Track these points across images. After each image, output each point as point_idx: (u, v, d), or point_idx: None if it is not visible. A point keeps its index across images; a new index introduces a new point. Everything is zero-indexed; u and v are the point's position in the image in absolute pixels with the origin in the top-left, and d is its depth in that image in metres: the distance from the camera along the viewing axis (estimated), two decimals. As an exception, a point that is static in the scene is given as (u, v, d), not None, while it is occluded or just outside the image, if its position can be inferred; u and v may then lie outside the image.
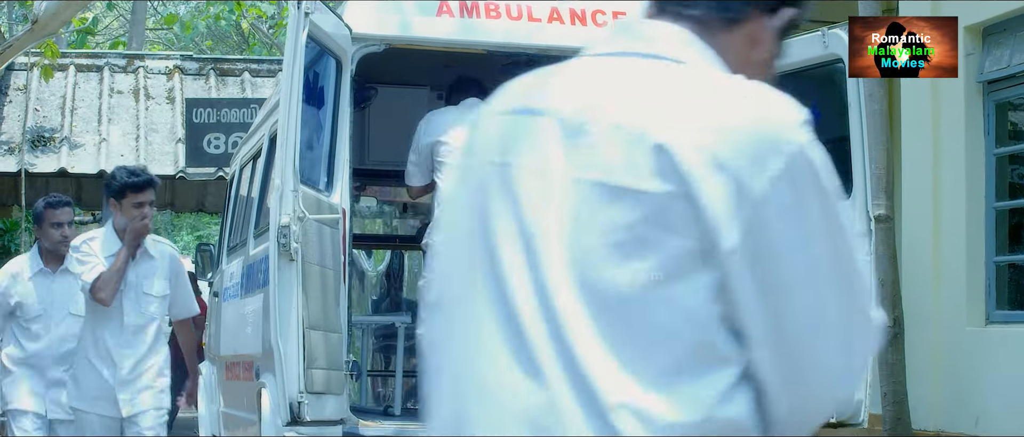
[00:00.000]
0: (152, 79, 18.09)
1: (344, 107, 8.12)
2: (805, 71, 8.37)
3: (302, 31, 7.35)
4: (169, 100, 17.73)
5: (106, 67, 18.21)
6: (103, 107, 17.39)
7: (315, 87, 8.01)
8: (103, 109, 17.34)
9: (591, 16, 8.78)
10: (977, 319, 10.68)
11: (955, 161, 10.92)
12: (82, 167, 16.25)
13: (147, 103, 17.61)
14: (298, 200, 7.27)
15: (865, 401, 7.94)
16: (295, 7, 7.34)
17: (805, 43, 8.31)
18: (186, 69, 18.41)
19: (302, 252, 7.28)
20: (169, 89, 17.95)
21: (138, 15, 23.85)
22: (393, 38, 8.52)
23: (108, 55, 19.13)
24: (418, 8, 8.59)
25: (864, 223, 8.04)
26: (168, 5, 23.98)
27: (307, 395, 7.26)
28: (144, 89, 17.88)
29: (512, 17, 8.68)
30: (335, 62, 8.09)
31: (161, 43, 30.30)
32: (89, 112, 17.34)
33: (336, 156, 8.07)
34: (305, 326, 7.30)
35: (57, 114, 17.20)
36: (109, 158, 16.29)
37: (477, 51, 8.85)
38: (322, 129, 8.10)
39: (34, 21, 13.98)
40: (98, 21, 25.42)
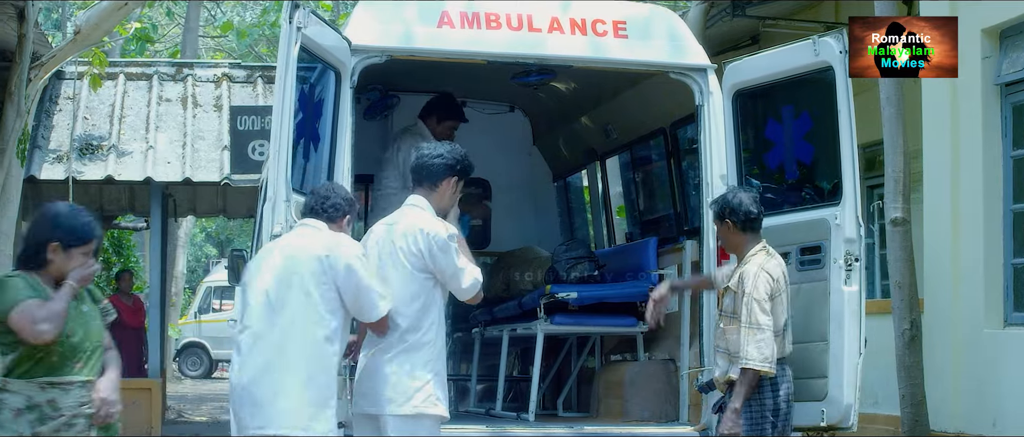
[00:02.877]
0: (200, 87, 18.33)
1: (344, 118, 8.27)
2: (796, 79, 8.44)
3: (294, 45, 7.52)
4: (216, 108, 17.98)
5: (155, 75, 18.48)
6: (151, 115, 17.64)
7: (312, 99, 8.18)
8: (151, 117, 17.60)
9: (591, 25, 8.88)
10: (995, 321, 10.68)
11: (973, 164, 10.93)
12: (128, 174, 16.48)
13: (194, 111, 17.86)
14: (290, 210, 7.44)
15: (854, 406, 8.00)
16: (287, 22, 7.51)
17: (796, 51, 8.38)
18: (234, 77, 18.64)
19: (295, 261, 7.42)
20: (217, 97, 18.20)
21: (191, 22, 24.18)
22: (395, 49, 8.67)
23: (157, 63, 19.40)
24: (420, 19, 8.72)
25: (854, 230, 8.09)
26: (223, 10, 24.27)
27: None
28: (192, 97, 18.13)
29: (513, 27, 8.79)
30: (334, 74, 8.25)
31: (222, 50, 30.64)
32: (137, 120, 17.61)
33: (336, 165, 8.22)
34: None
35: (106, 122, 17.47)
36: (156, 165, 16.56)
37: (478, 61, 8.98)
38: (321, 139, 8.26)
39: (76, 32, 14.29)
40: (157, 28, 25.82)
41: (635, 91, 10.00)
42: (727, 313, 7.74)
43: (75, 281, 6.43)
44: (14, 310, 6.27)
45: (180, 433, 17.32)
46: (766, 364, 7.50)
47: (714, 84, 8.84)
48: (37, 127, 16.90)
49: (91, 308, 6.64)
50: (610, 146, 11.26)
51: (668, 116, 9.87)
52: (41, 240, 6.49)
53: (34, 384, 6.33)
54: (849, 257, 8.05)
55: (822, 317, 8.08)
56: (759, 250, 7.75)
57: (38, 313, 6.26)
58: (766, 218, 7.97)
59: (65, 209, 6.62)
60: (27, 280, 6.43)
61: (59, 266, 6.45)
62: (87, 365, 6.48)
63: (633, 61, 9.01)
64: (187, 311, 34.82)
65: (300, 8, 7.54)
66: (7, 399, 6.31)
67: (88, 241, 6.50)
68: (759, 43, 15.91)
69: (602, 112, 10.90)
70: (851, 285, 8.04)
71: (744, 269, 7.69)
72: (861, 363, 8.01)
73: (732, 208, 7.78)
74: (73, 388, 6.40)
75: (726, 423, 7.60)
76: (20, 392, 6.32)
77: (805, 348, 7.98)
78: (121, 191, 19.00)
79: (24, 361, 6.32)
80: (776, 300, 7.62)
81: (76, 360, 6.42)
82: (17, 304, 6.29)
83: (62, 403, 6.36)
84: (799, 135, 8.63)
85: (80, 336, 6.45)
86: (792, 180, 8.84)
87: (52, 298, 6.35)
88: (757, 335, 7.51)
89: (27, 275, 6.46)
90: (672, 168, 10.21)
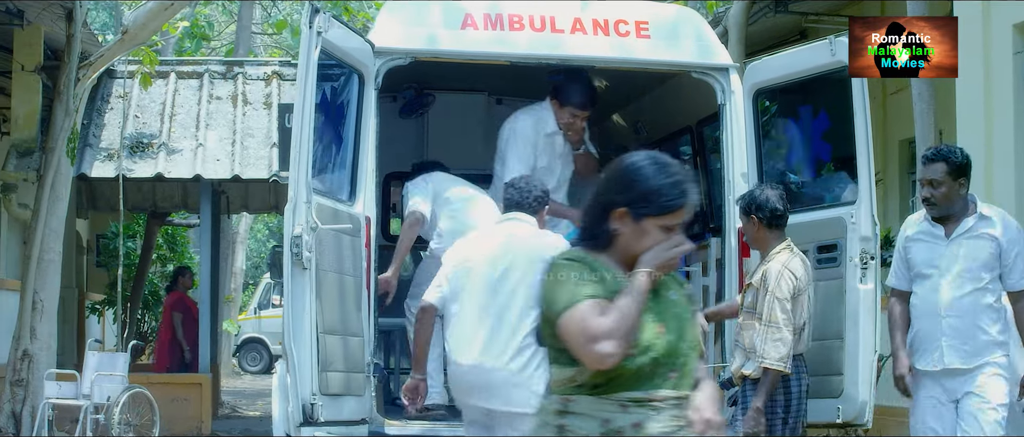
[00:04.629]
0: (251, 85, 18.58)
1: (367, 119, 8.41)
2: (814, 79, 8.50)
3: (314, 49, 7.67)
4: (266, 105, 18.21)
5: (206, 74, 18.75)
6: (201, 113, 17.90)
7: (334, 101, 8.33)
8: (201, 115, 17.86)
9: (614, 26, 8.97)
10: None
11: (1005, 157, 10.92)
12: (178, 172, 16.74)
13: (244, 108, 18.10)
14: (311, 211, 7.58)
15: (869, 402, 8.06)
16: (307, 26, 7.66)
17: (813, 51, 8.45)
18: (284, 75, 18.87)
19: (317, 260, 7.59)
20: (267, 94, 18.43)
21: (244, 20, 24.44)
22: (419, 51, 8.80)
23: (208, 62, 19.66)
24: (444, 22, 8.84)
25: (870, 228, 8.14)
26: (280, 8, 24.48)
27: (322, 397, 7.56)
28: (242, 95, 18.38)
29: (536, 28, 8.89)
30: (358, 76, 8.40)
31: (280, 48, 30.88)
32: (188, 118, 17.87)
33: (359, 166, 8.36)
34: (320, 331, 7.60)
35: (156, 120, 17.75)
36: (205, 163, 16.80)
37: (502, 62, 9.10)
38: (345, 141, 8.40)
39: (124, 32, 14.54)
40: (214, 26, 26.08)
41: (663, 89, 10.10)
42: (748, 309, 7.82)
43: (654, 267, 4.34)
44: (565, 315, 4.28)
45: (230, 429, 17.52)
46: (782, 363, 7.57)
47: (736, 83, 8.91)
48: (88, 125, 17.20)
49: (679, 296, 4.51)
50: (641, 143, 11.34)
51: (694, 115, 9.96)
52: (605, 204, 4.43)
53: (612, 402, 4.30)
54: (864, 255, 8.11)
55: (838, 315, 8.14)
56: (783, 248, 7.82)
57: (596, 324, 4.20)
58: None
59: (644, 161, 4.42)
60: (589, 264, 4.38)
61: (629, 243, 4.39)
62: (683, 375, 4.41)
63: (655, 61, 9.10)
64: (247, 307, 35.08)
65: (320, 13, 7.70)
66: (573, 425, 4.31)
67: (674, 209, 4.35)
68: (807, 39, 15.92)
69: (632, 110, 11.01)
70: (866, 283, 8.09)
71: (768, 267, 7.76)
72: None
73: (759, 204, 7.86)
74: (665, 407, 4.34)
75: (748, 421, 7.67)
76: (591, 414, 4.30)
77: (821, 345, 8.05)
78: (174, 188, 19.28)
79: (599, 371, 4.27)
80: (798, 299, 7.67)
81: (671, 368, 4.36)
82: (571, 306, 4.27)
83: (650, 427, 4.30)
84: (817, 134, 8.70)
85: (674, 335, 4.36)
86: (810, 179, 8.91)
87: (618, 297, 4.29)
88: (776, 334, 7.58)
89: (590, 256, 4.43)
90: (698, 166, 10.30)
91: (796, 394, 7.71)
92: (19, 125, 14.83)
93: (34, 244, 14.20)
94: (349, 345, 7.97)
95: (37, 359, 14.26)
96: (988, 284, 7.21)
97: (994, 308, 7.24)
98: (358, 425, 8.11)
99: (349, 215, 8.13)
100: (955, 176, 7.34)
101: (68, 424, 14.40)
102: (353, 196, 8.33)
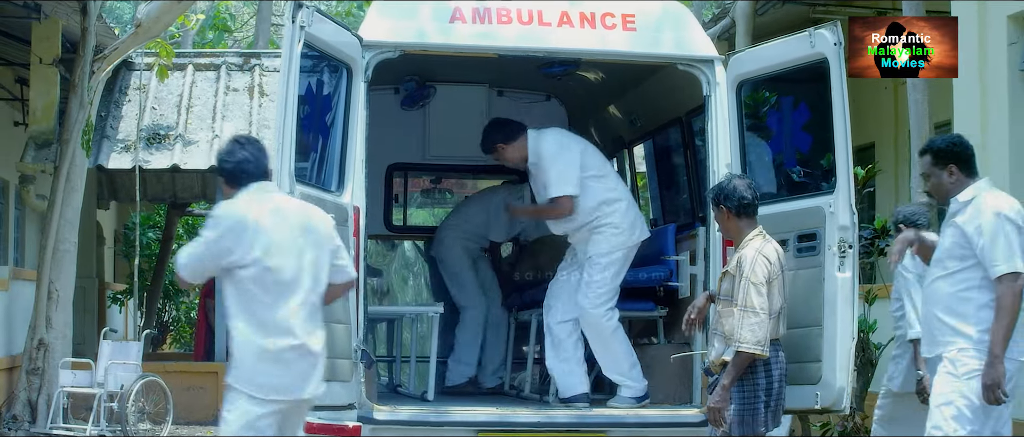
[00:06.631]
0: (268, 76, 18.74)
1: (356, 111, 8.57)
2: (792, 71, 8.61)
3: (297, 43, 7.85)
4: (283, 97, 18.34)
5: (223, 66, 18.93)
6: (218, 105, 18.09)
7: (321, 94, 8.49)
8: (218, 107, 18.05)
9: (600, 19, 9.10)
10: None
11: (1000, 147, 11.02)
12: (193, 163, 16.93)
13: (261, 100, 18.28)
14: (295, 202, 7.72)
15: (847, 389, 8.17)
16: (289, 21, 7.83)
17: (793, 44, 8.55)
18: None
19: (302, 249, 7.72)
20: (284, 86, 18.57)
21: (264, 12, 24.62)
22: (408, 45, 8.95)
23: (226, 54, 19.85)
24: (433, 16, 8.98)
25: (848, 217, 8.24)
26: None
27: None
28: (259, 86, 18.55)
29: (523, 22, 9.03)
30: (346, 69, 8.56)
31: (302, 39, 30.80)
32: (204, 110, 18.06)
33: (347, 157, 8.52)
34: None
35: (173, 112, 17.94)
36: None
37: (489, 55, 9.25)
38: (333, 133, 8.56)
39: (137, 25, 14.75)
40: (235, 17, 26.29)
41: (654, 81, 10.22)
42: (725, 297, 7.94)
43: None
44: None
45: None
46: (759, 347, 7.69)
47: (721, 75, 9.03)
48: (106, 117, 17.42)
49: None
50: (635, 134, 11.49)
51: (683, 106, 10.07)
52: None
53: None
54: (842, 244, 8.22)
55: (817, 302, 8.25)
56: (755, 235, 7.95)
57: None
58: (766, 206, 8.19)
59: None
60: None
61: None
62: None
63: (641, 54, 9.23)
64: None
65: (304, 7, 7.86)
66: None
67: None
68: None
69: (627, 101, 11.13)
70: (844, 271, 8.20)
71: (742, 253, 7.89)
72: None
73: (726, 194, 8.00)
74: None
75: (713, 398, 7.84)
76: None
77: (800, 332, 8.17)
78: (193, 179, 19.50)
79: None
80: (772, 284, 7.80)
81: None
82: None
83: None
84: (797, 125, 8.81)
85: None
86: (790, 169, 9.02)
87: None
88: (752, 318, 7.70)
89: None
90: (688, 156, 10.42)
91: (777, 378, 7.84)
92: (37, 117, 15.08)
93: (49, 234, 14.44)
94: (336, 333, 8.10)
95: (52, 348, 14.51)
96: (956, 272, 7.13)
97: (957, 297, 7.07)
98: (346, 410, 8.27)
99: (335, 205, 8.27)
100: (941, 165, 7.29)
101: (83, 412, 14.63)
102: (341, 186, 8.49)
